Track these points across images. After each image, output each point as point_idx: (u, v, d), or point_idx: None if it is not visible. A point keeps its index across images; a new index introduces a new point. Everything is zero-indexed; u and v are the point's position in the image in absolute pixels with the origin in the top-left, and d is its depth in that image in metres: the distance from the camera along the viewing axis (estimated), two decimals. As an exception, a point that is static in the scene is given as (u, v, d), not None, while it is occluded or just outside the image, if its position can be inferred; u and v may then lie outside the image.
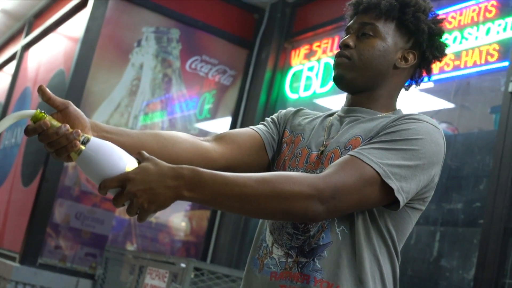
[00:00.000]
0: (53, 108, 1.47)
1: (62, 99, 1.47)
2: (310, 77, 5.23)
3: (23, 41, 7.52)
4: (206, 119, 5.80)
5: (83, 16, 5.48)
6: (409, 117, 1.63)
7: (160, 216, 5.62)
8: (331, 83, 4.94)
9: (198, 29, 5.74)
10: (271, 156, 1.83)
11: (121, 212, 5.39)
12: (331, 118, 1.81)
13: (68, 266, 5.11)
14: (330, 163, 1.63)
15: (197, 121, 5.75)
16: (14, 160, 6.40)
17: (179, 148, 1.65)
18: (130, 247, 5.37)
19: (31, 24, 7.44)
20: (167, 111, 5.61)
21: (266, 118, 1.91)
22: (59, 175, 5.11)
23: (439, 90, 4.21)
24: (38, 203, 5.03)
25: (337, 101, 4.63)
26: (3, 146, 7.10)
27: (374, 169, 1.53)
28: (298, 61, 5.46)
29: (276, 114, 1.92)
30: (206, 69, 5.74)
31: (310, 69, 5.26)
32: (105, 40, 5.37)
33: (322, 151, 1.70)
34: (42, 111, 1.41)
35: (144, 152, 1.44)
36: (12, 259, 5.13)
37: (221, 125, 5.81)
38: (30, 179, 5.57)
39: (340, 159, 1.57)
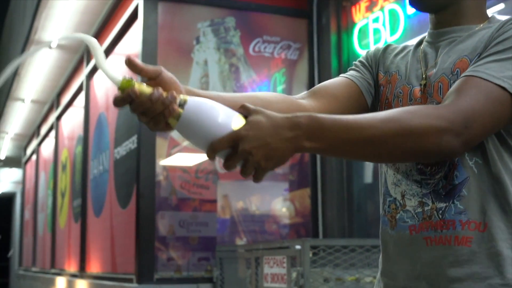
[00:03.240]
0: (147, 78, 1.32)
1: (153, 66, 1.32)
2: (378, 29, 5.03)
3: (85, 70, 7.59)
4: (282, 99, 5.66)
5: (137, 28, 5.45)
6: None
7: (261, 206, 5.56)
8: (401, 29, 4.75)
9: (252, 11, 5.63)
10: (370, 102, 1.68)
11: (221, 212, 5.35)
12: (421, 47, 1.63)
13: (184, 275, 5.10)
14: (440, 94, 1.48)
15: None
16: (107, 186, 6.45)
17: (275, 108, 1.46)
18: (240, 242, 5.32)
19: (89, 52, 7.49)
20: (241, 102, 5.52)
21: (355, 62, 1.74)
22: (154, 189, 5.09)
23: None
24: (140, 221, 5.03)
25: (412, 44, 4.43)
26: (93, 176, 7.18)
27: (498, 85, 1.36)
28: (360, 16, 5.27)
29: (364, 56, 1.75)
30: (270, 48, 5.62)
31: (375, 20, 5.06)
32: (163, 46, 5.32)
33: (425, 84, 1.54)
34: (129, 78, 1.26)
35: (249, 105, 1.29)
36: (129, 281, 5.15)
37: (298, 101, 5.67)
38: (127, 200, 5.59)
39: (457, 83, 1.41)
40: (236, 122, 1.25)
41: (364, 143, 1.31)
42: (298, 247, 3.79)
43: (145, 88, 1.26)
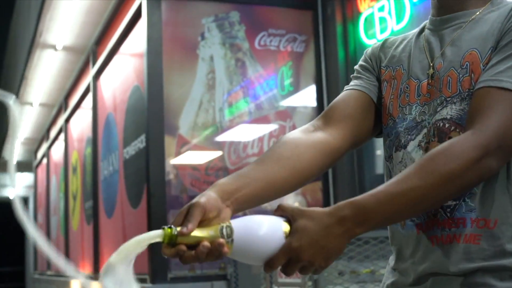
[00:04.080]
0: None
1: (195, 210, 1.23)
2: (383, 17, 4.97)
3: (92, 71, 7.57)
4: (290, 93, 5.62)
5: (141, 27, 5.42)
6: None
7: (272, 202, 5.51)
8: (407, 17, 4.69)
9: (256, 4, 5.58)
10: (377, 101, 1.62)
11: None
12: (423, 35, 1.56)
13: (198, 273, 5.07)
14: (449, 89, 1.42)
15: (282, 98, 5.59)
16: (118, 187, 6.42)
17: (305, 160, 1.46)
18: (252, 238, 5.28)
19: (95, 53, 7.48)
20: (250, 97, 5.48)
21: (356, 68, 1.67)
22: (164, 188, 5.06)
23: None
24: (152, 220, 5.00)
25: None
26: (103, 177, 7.16)
27: None
28: (366, 5, 5.21)
29: (362, 58, 1.68)
30: (276, 42, 5.57)
31: (381, 9, 5.00)
32: (169, 43, 5.29)
33: (432, 75, 1.48)
34: (170, 227, 1.19)
35: (286, 206, 1.27)
36: (143, 281, 5.12)
37: (307, 95, 5.63)
38: (138, 200, 5.56)
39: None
40: (284, 230, 1.24)
41: (411, 207, 1.29)
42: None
43: (190, 237, 1.20)
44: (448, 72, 1.44)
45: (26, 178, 17.09)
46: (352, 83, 1.64)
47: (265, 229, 1.23)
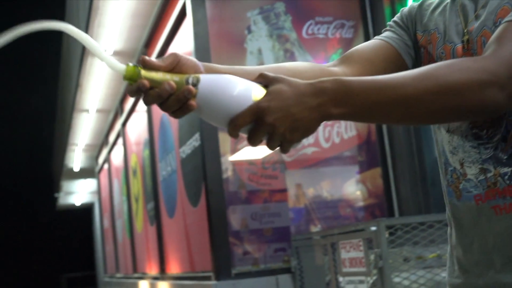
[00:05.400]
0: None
1: (170, 56, 1.21)
2: (432, -6, 4.84)
3: (143, 74, 7.61)
4: (341, 80, 5.53)
5: (187, 26, 5.41)
6: None
7: (333, 191, 5.46)
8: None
9: (301, -7, 5.51)
10: (411, 64, 1.54)
11: (295, 201, 5.27)
12: None
13: (262, 268, 5.04)
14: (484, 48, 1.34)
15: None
16: (177, 186, 6.45)
17: (303, 77, 1.33)
18: (315, 230, 5.23)
19: (145, 55, 7.51)
20: (301, 88, 5.41)
21: (389, 23, 1.60)
22: (222, 184, 5.05)
23: None
24: (212, 217, 5.00)
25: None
26: (162, 178, 7.21)
27: None
28: (413, -16, 5.10)
29: (398, 15, 1.60)
30: (324, 29, 5.49)
31: (429, -14, 4.87)
32: (216, 40, 5.26)
33: (468, 40, 1.40)
34: (133, 64, 1.15)
35: (268, 73, 1.19)
36: (208, 278, 5.13)
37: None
38: (197, 198, 5.57)
39: (497, 31, 1.27)
40: (256, 93, 1.15)
41: (397, 104, 1.17)
42: (373, 228, 3.68)
43: (154, 76, 1.16)
44: (481, 32, 1.38)
45: (90, 185, 17.41)
46: (382, 34, 1.58)
47: (234, 87, 1.15)
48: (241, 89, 1.15)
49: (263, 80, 1.18)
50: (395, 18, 1.60)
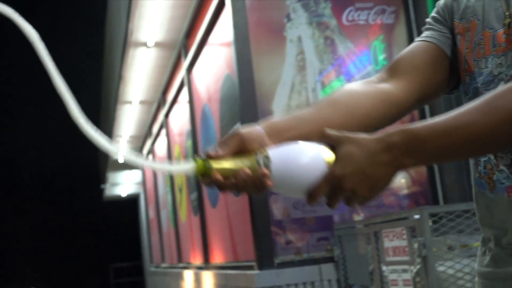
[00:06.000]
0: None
1: (232, 138, 1.18)
2: (475, -23, 4.74)
3: (184, 64, 7.64)
4: (384, 67, 5.45)
5: (227, 15, 5.40)
6: None
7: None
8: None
9: (340, -21, 5.44)
10: (452, 56, 1.49)
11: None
12: None
13: (305, 257, 5.01)
14: None
15: (376, 73, 5.41)
16: (219, 177, 6.45)
17: (364, 108, 1.36)
18: (358, 218, 5.18)
19: (186, 46, 7.54)
20: (344, 76, 5.36)
21: (427, 20, 1.54)
22: (263, 173, 5.02)
23: None
24: (254, 207, 4.99)
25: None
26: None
27: None
28: (455, -33, 4.98)
29: (434, 10, 1.55)
30: (364, 15, 5.41)
31: (471, -31, 4.76)
32: (255, 28, 5.24)
33: (510, 23, 1.34)
34: (202, 158, 1.14)
35: (329, 131, 1.18)
36: (251, 268, 5.13)
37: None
38: (239, 188, 5.56)
39: None
40: (327, 157, 1.15)
41: (469, 143, 1.15)
42: (416, 216, 3.63)
43: (225, 165, 1.14)
44: None
45: (136, 176, 17.58)
46: (422, 35, 1.52)
47: (305, 157, 1.14)
48: (312, 157, 1.14)
49: (329, 141, 1.17)
50: (432, 14, 1.55)
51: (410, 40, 5.37)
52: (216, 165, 1.13)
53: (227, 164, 1.14)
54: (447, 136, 1.14)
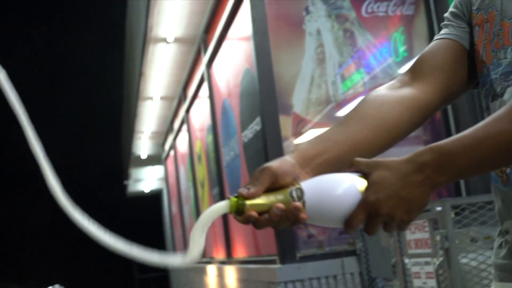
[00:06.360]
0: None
1: (264, 174, 1.16)
2: (495, -34, 4.68)
3: (204, 60, 7.64)
4: (404, 60, 5.42)
5: (245, 9, 5.39)
6: None
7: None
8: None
9: (359, -29, 5.41)
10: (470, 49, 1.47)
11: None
12: None
13: (327, 251, 5.00)
14: None
15: (397, 66, 5.39)
16: (240, 171, 6.46)
17: (392, 118, 1.34)
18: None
19: (205, 41, 7.54)
20: (364, 68, 5.33)
21: (445, 15, 1.51)
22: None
23: None
24: (275, 201, 4.98)
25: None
26: (226, 163, 7.23)
27: None
28: (475, -44, 4.93)
29: (452, 4, 1.52)
30: (384, 7, 5.38)
31: (492, -43, 4.71)
32: (274, 22, 5.23)
33: None
34: (235, 196, 1.13)
35: (359, 160, 1.17)
36: (273, 262, 5.13)
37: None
38: (260, 182, 5.55)
39: None
40: (360, 186, 1.14)
41: (501, 153, 1.14)
42: (438, 208, 3.60)
43: (259, 202, 1.14)
44: None
45: (158, 171, 17.64)
46: (441, 32, 1.49)
47: (338, 186, 1.14)
48: (345, 186, 1.14)
49: (359, 169, 1.16)
50: (450, 9, 1.52)
51: (431, 31, 5.32)
52: (250, 201, 1.13)
53: (260, 200, 1.14)
54: (477, 148, 1.12)
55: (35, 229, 29.68)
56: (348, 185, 1.14)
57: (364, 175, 1.15)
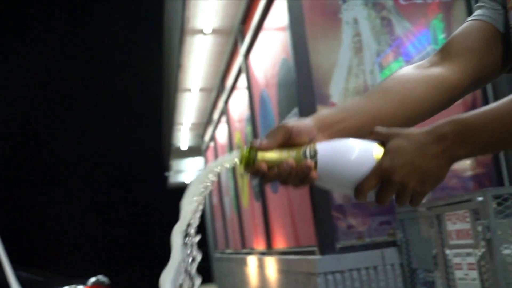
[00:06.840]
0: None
1: (279, 130, 1.15)
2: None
3: (241, 50, 7.62)
4: (445, 47, 5.31)
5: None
6: None
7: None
8: None
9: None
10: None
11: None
12: None
13: (367, 242, 4.95)
14: None
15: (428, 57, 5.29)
16: (279, 162, 6.43)
17: (417, 95, 1.31)
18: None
19: (242, 32, 7.52)
20: (403, 56, 5.24)
21: None
22: (322, 158, 4.97)
23: None
24: (314, 192, 4.95)
25: None
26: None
27: None
28: None
29: None
30: (422, -6, 5.29)
31: None
32: (310, 11, 5.18)
33: None
34: (248, 147, 1.12)
35: (380, 129, 1.14)
36: (312, 253, 5.10)
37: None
38: (299, 173, 5.52)
39: None
40: (376, 152, 1.11)
41: None
42: (480, 198, 3.53)
43: (270, 156, 1.12)
44: None
45: (198, 163, 17.72)
46: (475, 13, 1.45)
47: (353, 151, 1.11)
48: (360, 152, 1.11)
49: (378, 137, 1.14)
50: None
51: (470, 15, 5.21)
52: (262, 154, 1.11)
53: (272, 153, 1.12)
54: (500, 121, 1.09)
55: (81, 221, 30.11)
56: (363, 151, 1.11)
57: (382, 144, 1.13)
